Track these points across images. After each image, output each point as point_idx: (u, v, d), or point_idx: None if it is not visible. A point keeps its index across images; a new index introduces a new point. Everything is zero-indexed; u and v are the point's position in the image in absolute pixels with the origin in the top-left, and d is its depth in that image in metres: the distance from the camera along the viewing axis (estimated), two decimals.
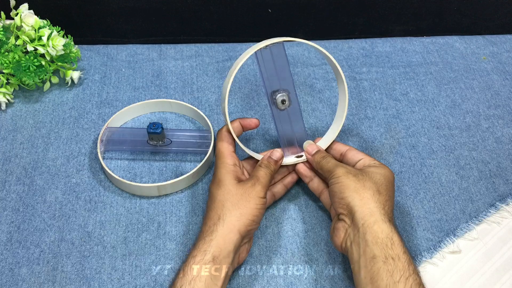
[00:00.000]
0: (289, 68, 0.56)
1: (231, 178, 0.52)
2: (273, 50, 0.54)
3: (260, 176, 0.53)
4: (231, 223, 0.49)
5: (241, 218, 0.49)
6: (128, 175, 0.62)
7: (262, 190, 0.51)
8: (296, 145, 0.59)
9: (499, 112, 0.71)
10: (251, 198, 0.50)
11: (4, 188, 0.61)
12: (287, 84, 0.56)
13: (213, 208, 0.51)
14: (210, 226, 0.49)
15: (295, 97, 0.57)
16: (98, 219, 0.58)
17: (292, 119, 0.58)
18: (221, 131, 0.56)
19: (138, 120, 0.69)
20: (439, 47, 0.82)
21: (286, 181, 0.59)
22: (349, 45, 0.81)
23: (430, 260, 0.56)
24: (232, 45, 0.80)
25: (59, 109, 0.70)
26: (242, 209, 0.50)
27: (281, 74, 0.56)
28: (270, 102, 0.57)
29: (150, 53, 0.79)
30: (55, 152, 0.65)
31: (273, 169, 0.54)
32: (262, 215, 0.52)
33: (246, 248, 0.53)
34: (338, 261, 0.55)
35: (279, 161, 0.55)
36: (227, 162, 0.53)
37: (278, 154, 0.55)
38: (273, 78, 0.56)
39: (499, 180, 0.63)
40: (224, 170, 0.53)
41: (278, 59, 0.55)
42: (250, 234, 0.52)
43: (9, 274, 0.53)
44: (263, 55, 0.54)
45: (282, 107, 0.56)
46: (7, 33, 0.67)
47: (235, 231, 0.49)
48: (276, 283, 0.53)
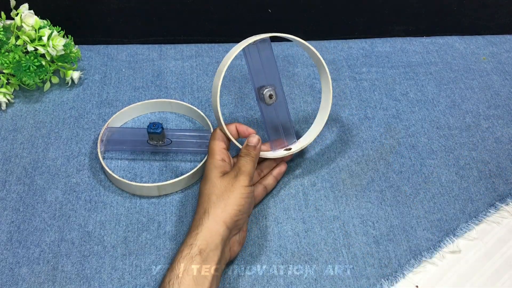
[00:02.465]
0: (275, 63, 0.57)
1: (217, 172, 0.52)
2: (260, 46, 0.56)
3: (241, 165, 0.53)
4: (216, 215, 0.49)
5: (226, 209, 0.49)
6: (128, 175, 0.62)
7: (245, 178, 0.52)
8: (283, 139, 0.60)
9: (499, 112, 0.71)
10: (234, 188, 0.51)
11: (4, 188, 0.61)
12: (273, 79, 0.57)
13: (200, 203, 0.51)
14: (196, 221, 0.49)
15: (282, 92, 0.58)
16: (98, 219, 0.58)
17: (279, 113, 0.59)
18: (215, 130, 0.56)
19: (138, 120, 0.69)
20: (439, 47, 0.82)
21: (275, 173, 0.60)
22: (349, 45, 0.81)
23: (430, 260, 0.56)
24: (232, 45, 0.80)
25: (59, 109, 0.70)
26: (227, 199, 0.50)
27: (268, 69, 0.57)
28: (257, 97, 0.58)
29: (150, 53, 0.79)
30: (55, 152, 0.65)
31: (253, 155, 0.54)
32: (249, 204, 0.52)
33: (237, 241, 0.52)
34: (338, 261, 0.55)
35: (257, 146, 0.55)
36: (215, 157, 0.54)
37: (254, 140, 0.55)
38: (260, 74, 0.57)
39: (499, 180, 0.63)
40: (212, 165, 0.53)
41: (265, 55, 0.56)
42: (238, 225, 0.51)
43: (9, 274, 0.53)
44: (250, 51, 0.55)
45: (269, 102, 0.57)
46: (7, 33, 0.67)
47: (221, 222, 0.49)
48: (276, 283, 0.53)
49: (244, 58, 0.56)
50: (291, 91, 0.73)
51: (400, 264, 0.55)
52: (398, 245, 0.57)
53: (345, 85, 0.74)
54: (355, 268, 0.54)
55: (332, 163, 0.64)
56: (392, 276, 0.54)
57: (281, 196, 0.61)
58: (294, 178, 0.63)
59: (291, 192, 0.61)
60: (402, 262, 0.55)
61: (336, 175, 0.63)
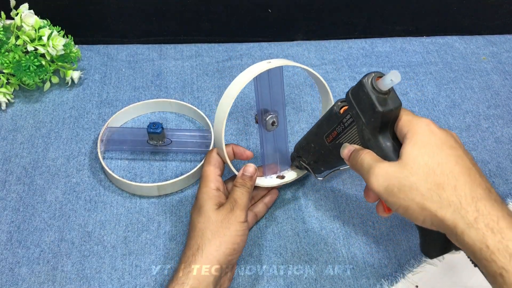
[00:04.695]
0: (283, 91, 0.55)
1: (212, 204, 0.49)
2: (271, 72, 0.52)
3: (238, 198, 0.50)
4: (210, 253, 0.46)
5: (220, 248, 0.47)
6: (128, 175, 0.62)
7: (241, 213, 0.49)
8: (278, 165, 0.59)
9: (499, 112, 0.71)
10: (230, 224, 0.48)
11: (4, 188, 0.61)
12: (278, 106, 0.55)
13: (192, 237, 0.48)
14: (189, 257, 0.47)
15: (283, 119, 0.56)
16: (98, 219, 0.58)
17: (278, 140, 0.57)
18: (210, 153, 0.54)
19: (138, 120, 0.69)
20: (439, 47, 0.82)
21: (266, 200, 0.58)
22: (349, 45, 0.81)
23: (430, 260, 0.56)
24: (232, 45, 0.80)
25: (59, 109, 0.70)
26: (222, 237, 0.47)
27: (274, 95, 0.54)
28: (260, 122, 0.55)
29: (150, 53, 0.79)
30: (55, 152, 0.65)
31: (249, 186, 0.51)
32: (244, 242, 0.49)
33: (228, 278, 0.50)
34: (338, 261, 0.55)
35: (254, 176, 0.52)
36: (209, 186, 0.51)
37: (251, 169, 0.52)
38: (266, 99, 0.54)
39: (499, 180, 0.63)
40: (206, 196, 0.50)
41: (274, 81, 0.53)
42: (232, 263, 0.49)
43: (9, 274, 0.53)
44: (261, 75, 0.52)
45: (270, 129, 0.55)
46: (7, 33, 0.67)
47: (215, 261, 0.46)
48: (276, 283, 0.53)
49: (253, 82, 0.53)
50: (291, 91, 0.73)
51: (400, 264, 0.55)
52: (398, 245, 0.57)
53: (345, 85, 0.74)
54: (355, 268, 0.54)
55: None
56: (392, 276, 0.54)
57: (280, 196, 0.61)
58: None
59: (291, 191, 0.61)
60: (402, 262, 0.55)
61: (336, 175, 0.63)
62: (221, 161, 0.53)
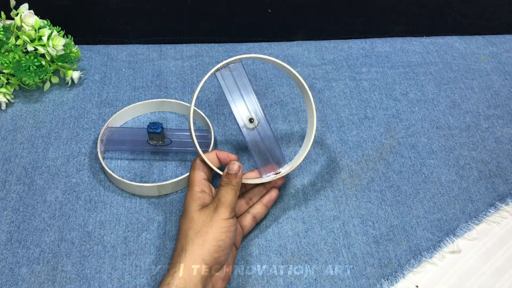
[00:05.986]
0: (251, 86, 0.55)
1: (195, 205, 0.50)
2: (233, 69, 0.53)
3: (222, 196, 0.50)
4: (194, 253, 0.46)
5: (204, 246, 0.47)
6: (128, 175, 0.62)
7: (225, 210, 0.49)
8: (272, 164, 0.57)
9: (498, 112, 0.71)
10: (213, 222, 0.48)
11: (4, 188, 0.61)
12: (251, 102, 0.55)
13: (178, 239, 0.49)
14: (174, 258, 0.47)
15: (262, 115, 0.56)
16: (98, 219, 0.58)
17: (263, 137, 0.56)
18: (195, 160, 0.54)
19: (138, 120, 0.69)
20: (439, 47, 0.82)
21: (265, 200, 0.57)
22: (349, 45, 0.81)
23: (430, 260, 0.56)
24: (232, 45, 0.80)
25: (59, 109, 0.70)
26: (204, 235, 0.47)
27: (245, 93, 0.55)
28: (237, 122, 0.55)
29: (150, 53, 0.79)
30: (55, 152, 0.65)
31: (235, 184, 0.51)
32: (230, 239, 0.48)
33: (220, 277, 0.49)
34: (338, 261, 0.55)
35: (238, 173, 0.52)
36: (194, 189, 0.51)
37: (235, 167, 0.52)
38: (238, 98, 0.54)
39: (499, 180, 0.63)
40: (190, 198, 0.51)
41: (239, 78, 0.54)
42: (220, 261, 0.48)
43: (9, 274, 0.53)
44: (223, 75, 0.53)
45: (251, 126, 0.55)
46: (7, 33, 0.67)
47: (199, 260, 0.46)
48: (276, 283, 0.53)
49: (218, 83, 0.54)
50: (291, 91, 0.73)
51: (400, 264, 0.55)
52: (398, 245, 0.57)
53: (345, 85, 0.74)
54: (355, 268, 0.54)
55: (332, 163, 0.64)
56: (392, 276, 0.54)
57: (280, 196, 0.61)
58: (294, 178, 0.63)
59: (291, 192, 0.61)
60: (402, 262, 0.55)
61: (336, 175, 0.63)
62: (206, 166, 0.54)
